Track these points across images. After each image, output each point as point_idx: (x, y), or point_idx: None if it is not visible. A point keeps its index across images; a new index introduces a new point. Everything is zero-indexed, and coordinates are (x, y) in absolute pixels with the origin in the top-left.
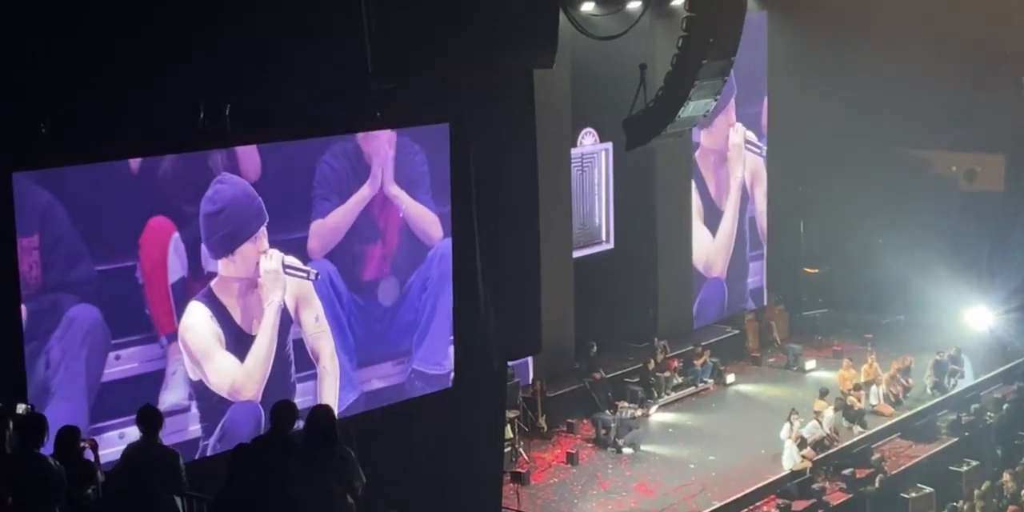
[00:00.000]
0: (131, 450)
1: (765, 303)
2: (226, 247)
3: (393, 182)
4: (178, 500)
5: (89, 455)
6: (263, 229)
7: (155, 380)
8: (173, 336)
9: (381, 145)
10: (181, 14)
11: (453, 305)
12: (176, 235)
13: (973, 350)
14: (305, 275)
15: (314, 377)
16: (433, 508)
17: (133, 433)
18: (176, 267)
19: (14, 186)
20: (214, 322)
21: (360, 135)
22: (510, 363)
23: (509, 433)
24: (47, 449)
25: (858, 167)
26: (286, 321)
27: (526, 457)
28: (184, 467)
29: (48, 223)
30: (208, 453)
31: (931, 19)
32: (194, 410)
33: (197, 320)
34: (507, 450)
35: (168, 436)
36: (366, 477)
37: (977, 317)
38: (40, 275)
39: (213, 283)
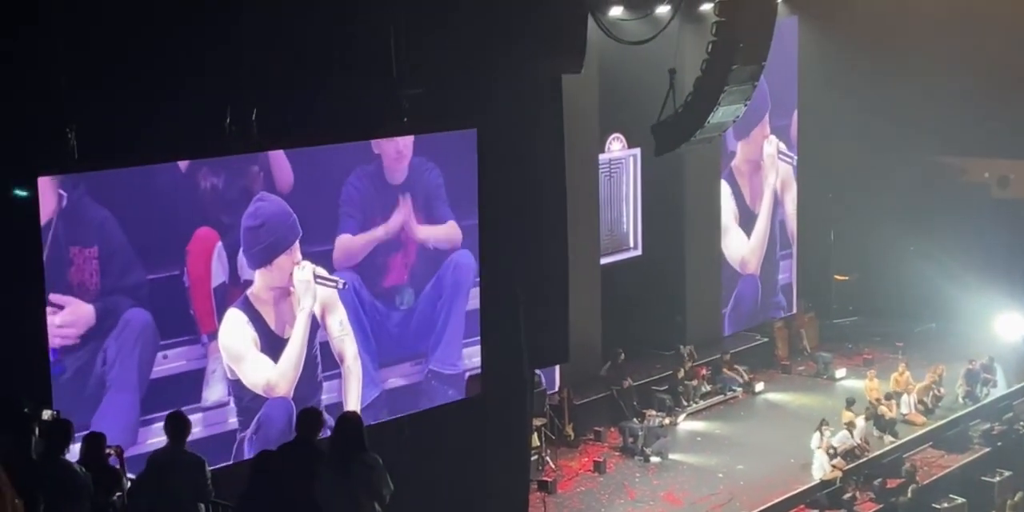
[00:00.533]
0: (157, 456)
1: (795, 308)
2: (264, 258)
3: (412, 203)
4: (203, 507)
5: (114, 462)
6: (297, 242)
7: (197, 377)
8: (213, 336)
9: (401, 167)
10: (208, 19)
11: (481, 313)
12: (219, 244)
13: (1006, 359)
14: (335, 285)
15: (339, 376)
16: None
17: None
18: (219, 273)
19: (68, 199)
20: (250, 327)
21: (384, 160)
22: (537, 370)
23: (536, 441)
24: (73, 455)
25: (889, 174)
26: (314, 325)
27: (553, 465)
28: (210, 473)
29: (105, 235)
30: (244, 445)
31: (964, 24)
32: (232, 405)
33: (235, 325)
34: (534, 458)
35: (208, 427)
36: (394, 484)
37: (1010, 325)
38: (99, 281)
39: (250, 291)
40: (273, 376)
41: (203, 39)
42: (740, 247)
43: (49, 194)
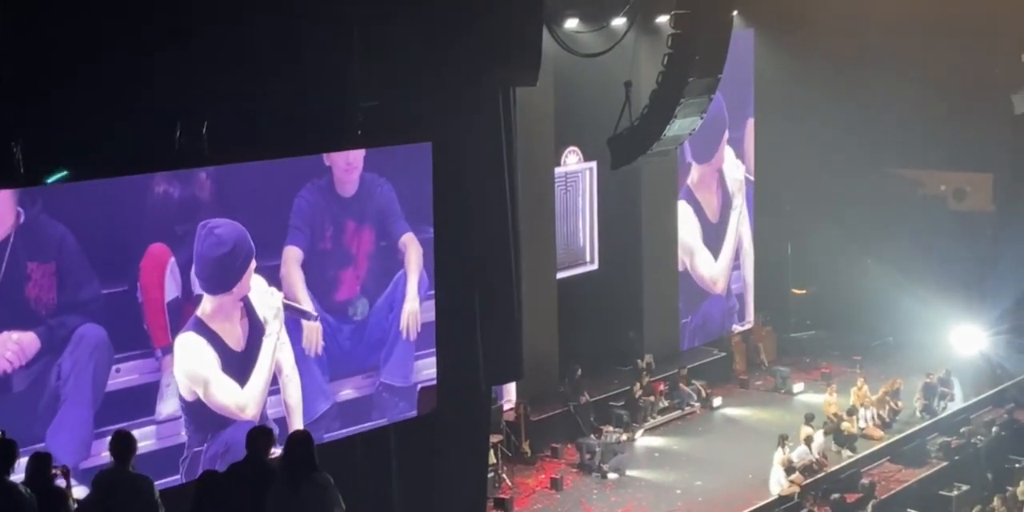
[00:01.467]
0: (103, 477)
1: (750, 318)
2: (223, 284)
3: (364, 216)
4: None
5: (61, 482)
6: (252, 260)
7: (151, 391)
8: (167, 350)
9: (352, 179)
10: (159, 31)
11: (436, 325)
12: (172, 259)
13: (963, 372)
14: (308, 317)
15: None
16: None
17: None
18: (171, 288)
19: (26, 215)
20: (209, 348)
21: (335, 171)
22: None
23: (492, 458)
24: (18, 475)
25: (846, 186)
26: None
27: (509, 483)
28: (158, 493)
29: (63, 251)
30: (200, 461)
31: (921, 37)
32: (184, 417)
33: (193, 349)
34: (490, 475)
35: (161, 440)
36: (346, 504)
37: (967, 338)
38: (55, 297)
39: (203, 312)
40: (241, 399)
41: (154, 51)
42: (709, 267)
43: (7, 210)
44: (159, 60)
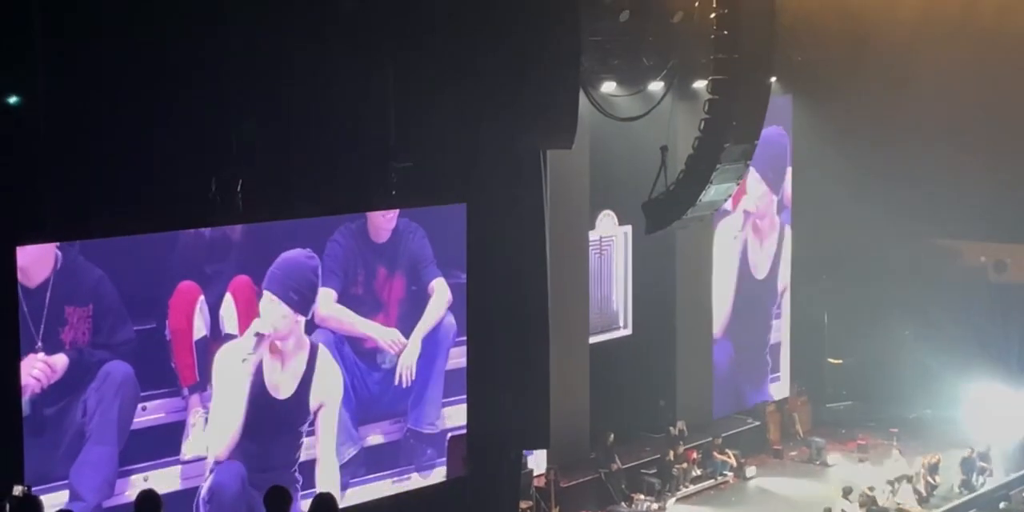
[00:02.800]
0: None
1: (788, 393)
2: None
3: (396, 263)
4: None
5: None
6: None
7: (177, 430)
8: (194, 389)
9: (387, 227)
10: (197, 88)
11: (467, 390)
12: (202, 297)
13: (1002, 447)
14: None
15: (314, 433)
16: None
17: (157, 476)
18: (200, 326)
19: (64, 259)
20: (247, 381)
21: (370, 217)
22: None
23: None
24: None
25: (885, 256)
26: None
27: None
28: None
29: (99, 294)
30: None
31: (961, 105)
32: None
33: (229, 377)
34: None
35: (185, 480)
36: None
37: (1007, 412)
38: (90, 338)
39: (260, 346)
40: (236, 436)
41: (191, 107)
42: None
43: (47, 254)
44: (196, 116)
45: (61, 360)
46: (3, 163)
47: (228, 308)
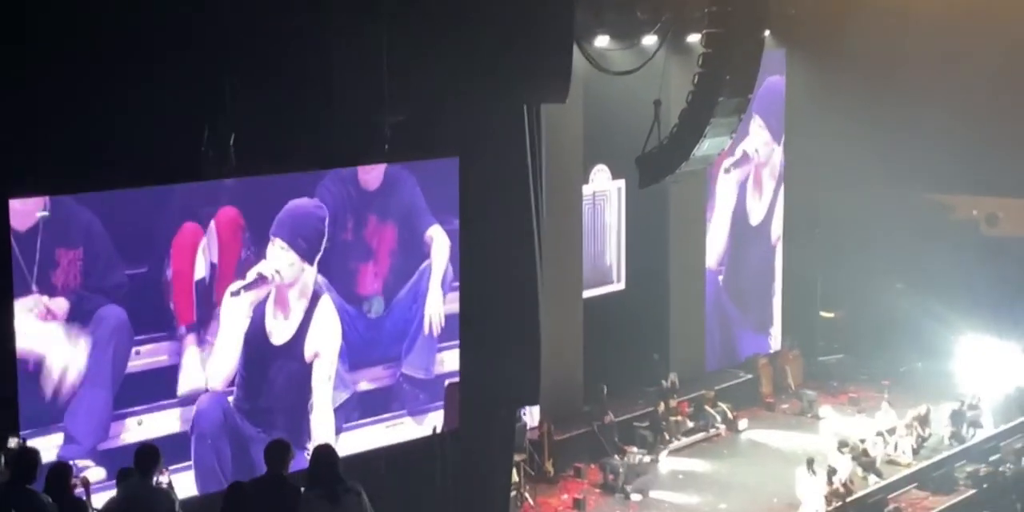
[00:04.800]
0: (126, 489)
1: (779, 345)
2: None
3: (387, 210)
4: None
5: (81, 493)
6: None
7: (172, 372)
8: (191, 328)
9: (376, 174)
10: (189, 39)
11: (460, 343)
12: (205, 239)
13: (993, 399)
14: None
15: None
16: None
17: (151, 421)
18: (201, 267)
19: (52, 202)
20: (246, 320)
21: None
22: None
23: (515, 477)
24: (38, 485)
25: (877, 211)
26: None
27: (531, 502)
28: (180, 506)
29: (90, 237)
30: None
31: (955, 60)
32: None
33: (232, 316)
34: (512, 494)
35: (184, 423)
36: None
37: (997, 365)
38: (81, 282)
39: (254, 285)
40: (227, 369)
41: (183, 62)
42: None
43: (35, 199)
44: (187, 71)
45: (58, 304)
46: None
47: (212, 241)
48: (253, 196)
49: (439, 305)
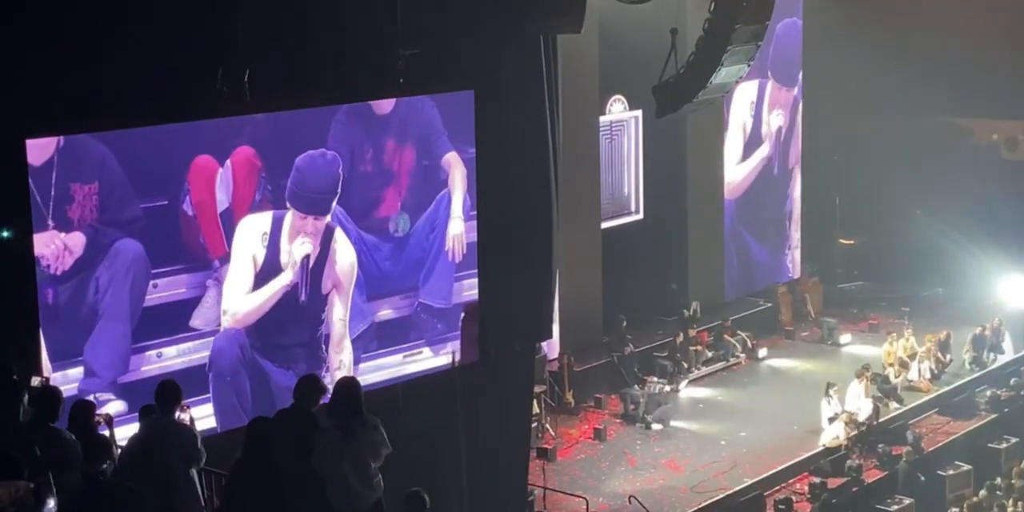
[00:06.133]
0: (147, 425)
1: (799, 272)
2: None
3: (403, 133)
4: (195, 474)
5: (104, 430)
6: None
7: (189, 306)
8: (225, 259)
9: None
10: None
11: (479, 279)
12: (220, 170)
13: (1013, 324)
14: None
15: (326, 310)
16: (458, 485)
17: (170, 354)
18: (223, 199)
19: (67, 141)
20: (262, 249)
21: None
22: None
23: (535, 408)
24: (62, 422)
25: (896, 135)
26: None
27: (552, 433)
28: (201, 441)
29: (105, 171)
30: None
31: None
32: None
33: (247, 244)
34: (533, 425)
35: (200, 355)
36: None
37: (1017, 290)
38: (97, 216)
39: (279, 217)
40: (247, 304)
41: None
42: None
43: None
44: (200, 8)
45: (76, 238)
46: (10, 57)
47: (227, 175)
48: (269, 135)
49: (460, 233)
